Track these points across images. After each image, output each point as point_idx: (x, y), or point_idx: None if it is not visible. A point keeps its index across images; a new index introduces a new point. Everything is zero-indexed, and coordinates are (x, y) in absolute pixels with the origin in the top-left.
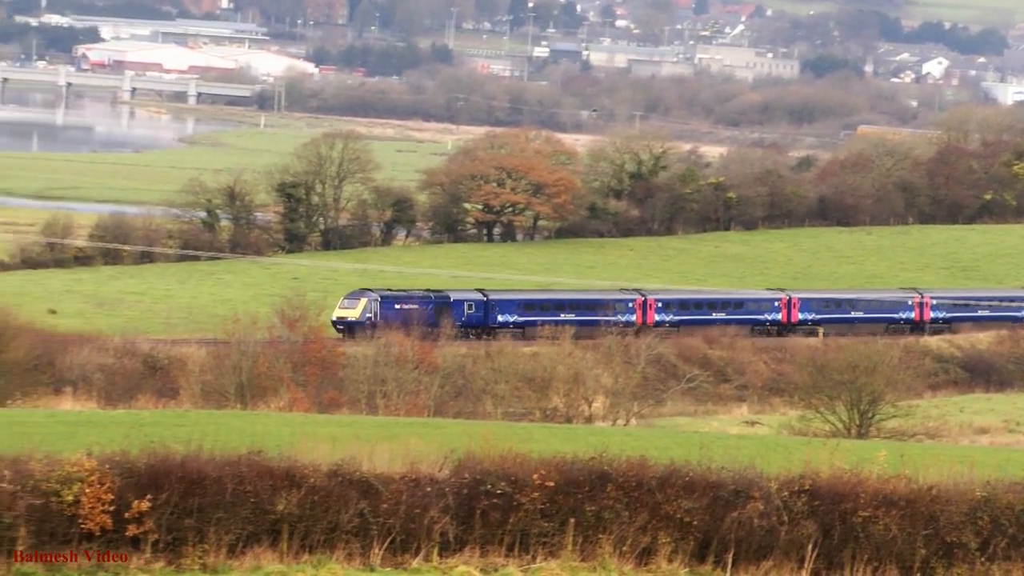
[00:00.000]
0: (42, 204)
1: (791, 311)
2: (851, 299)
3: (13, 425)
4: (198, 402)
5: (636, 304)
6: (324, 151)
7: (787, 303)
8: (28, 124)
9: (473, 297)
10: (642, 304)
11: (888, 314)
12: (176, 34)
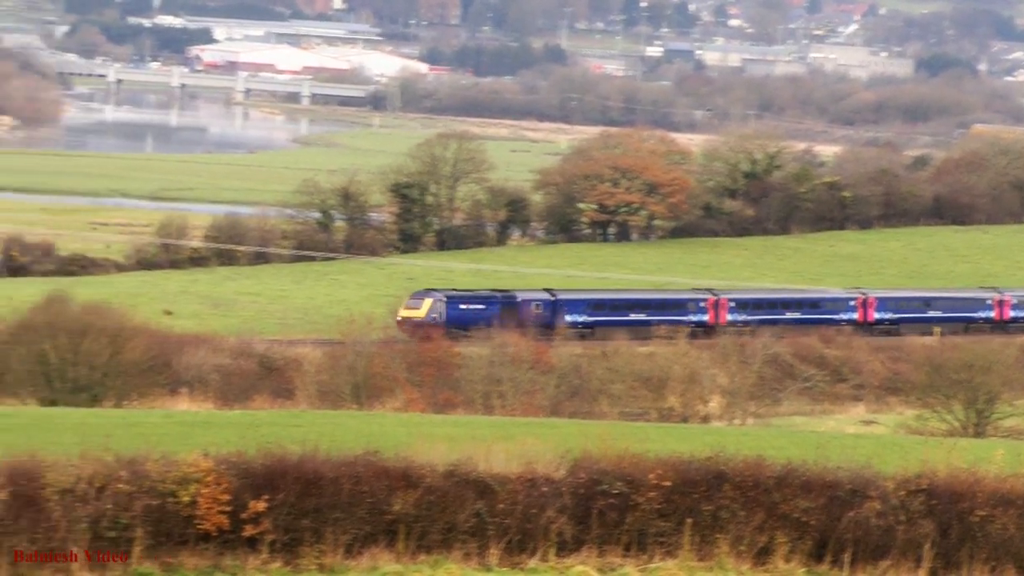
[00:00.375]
0: (157, 205)
1: (867, 311)
2: (929, 298)
3: (130, 426)
4: (314, 402)
5: (708, 304)
6: (438, 151)
7: (863, 302)
8: (142, 125)
9: (540, 297)
10: (714, 304)
11: (968, 313)
12: (289, 35)
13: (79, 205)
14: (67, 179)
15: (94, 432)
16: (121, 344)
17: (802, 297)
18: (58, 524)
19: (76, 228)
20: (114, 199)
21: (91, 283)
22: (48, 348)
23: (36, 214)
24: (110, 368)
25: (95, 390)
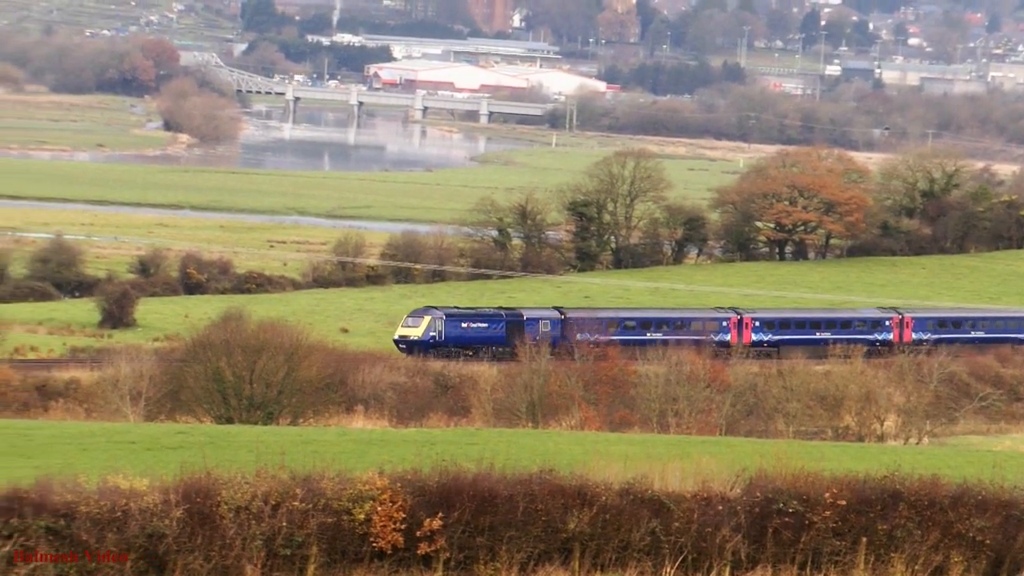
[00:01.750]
0: (334, 223)
1: (903, 330)
2: (971, 318)
3: (306, 443)
4: (489, 420)
5: (731, 323)
6: (616, 169)
7: (899, 322)
8: (320, 143)
9: (549, 315)
10: (737, 323)
11: (1011, 334)
12: (468, 53)
13: (256, 223)
14: (244, 197)
15: (269, 450)
16: (297, 362)
17: (833, 316)
18: (233, 542)
19: (253, 246)
20: (291, 217)
21: (267, 301)
22: (224, 366)
23: (213, 232)
24: (286, 386)
25: (270, 408)
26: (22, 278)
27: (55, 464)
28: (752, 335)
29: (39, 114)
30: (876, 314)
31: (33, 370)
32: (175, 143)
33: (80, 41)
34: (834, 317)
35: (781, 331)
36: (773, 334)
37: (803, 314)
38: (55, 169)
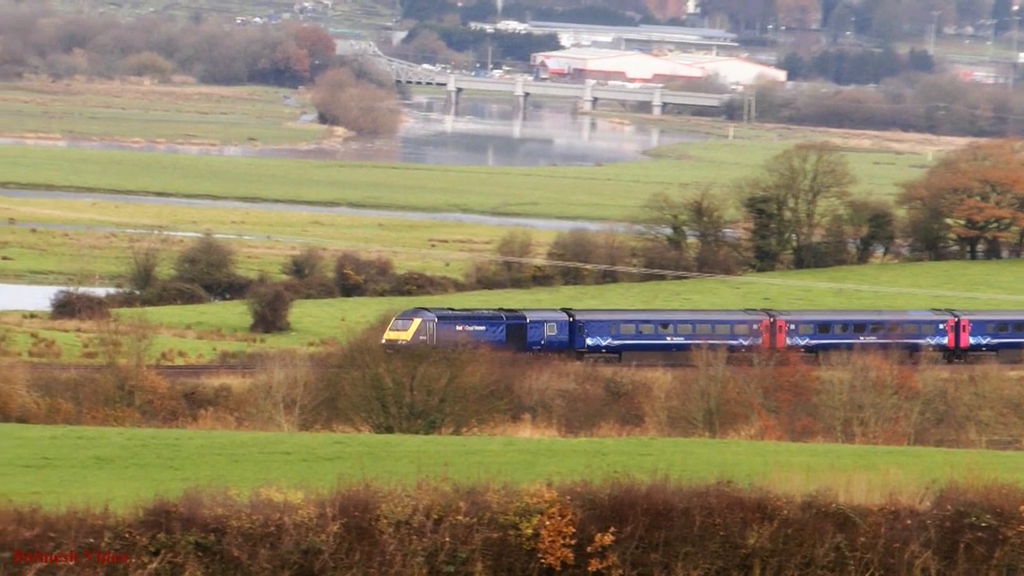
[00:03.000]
0: (499, 221)
1: (960, 334)
2: None
3: (470, 454)
4: (664, 429)
5: (763, 326)
6: (797, 164)
7: (955, 325)
8: (484, 136)
9: (556, 318)
10: (769, 326)
11: None
12: (640, 41)
13: (417, 221)
14: (404, 193)
15: (431, 461)
16: (460, 367)
17: (878, 319)
18: (393, 558)
19: (413, 245)
20: (454, 214)
21: (428, 303)
22: (383, 372)
23: (372, 230)
24: (448, 393)
25: (432, 416)
26: (170, 279)
27: (205, 476)
28: (787, 339)
29: (187, 106)
30: (928, 316)
31: (181, 377)
32: (331, 137)
33: (230, 29)
34: (877, 320)
35: (820, 335)
36: (810, 337)
37: (842, 316)
38: (204, 164)
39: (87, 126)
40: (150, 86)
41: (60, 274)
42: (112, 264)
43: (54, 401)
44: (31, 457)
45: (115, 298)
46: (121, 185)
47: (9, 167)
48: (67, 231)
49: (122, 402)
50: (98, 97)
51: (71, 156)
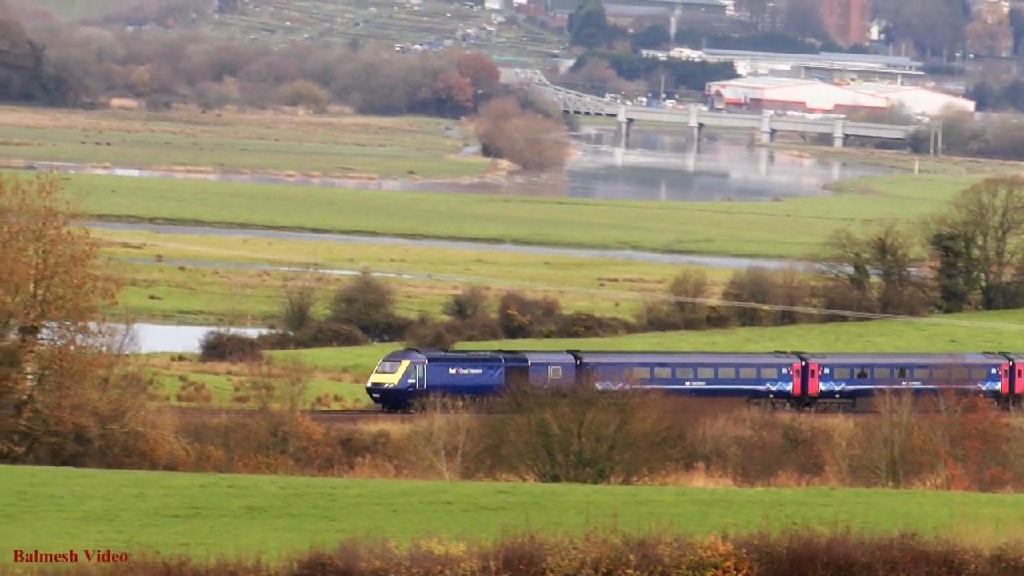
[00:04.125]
0: (671, 259)
1: (1014, 379)
2: None
3: (640, 504)
4: (845, 479)
5: (793, 370)
6: (986, 199)
7: (1009, 369)
8: (656, 170)
9: (561, 360)
10: (800, 369)
11: None
12: (820, 69)
13: (585, 259)
14: (571, 230)
15: (600, 511)
16: (630, 413)
17: (921, 363)
18: None
19: (581, 284)
20: (624, 252)
21: (597, 345)
22: (550, 418)
23: (538, 269)
24: (618, 440)
25: (601, 464)
26: (325, 320)
27: (362, 527)
28: (820, 384)
29: (344, 138)
30: (980, 360)
31: (337, 422)
32: (494, 170)
33: (389, 57)
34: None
35: (857, 380)
36: (847, 383)
37: (882, 360)
38: (362, 199)
39: (238, 158)
40: (305, 116)
41: (210, 314)
42: (264, 304)
43: (204, 448)
44: (180, 507)
45: (268, 339)
46: (274, 221)
47: (158, 201)
48: (217, 269)
49: (275, 449)
50: (250, 128)
51: (222, 190)
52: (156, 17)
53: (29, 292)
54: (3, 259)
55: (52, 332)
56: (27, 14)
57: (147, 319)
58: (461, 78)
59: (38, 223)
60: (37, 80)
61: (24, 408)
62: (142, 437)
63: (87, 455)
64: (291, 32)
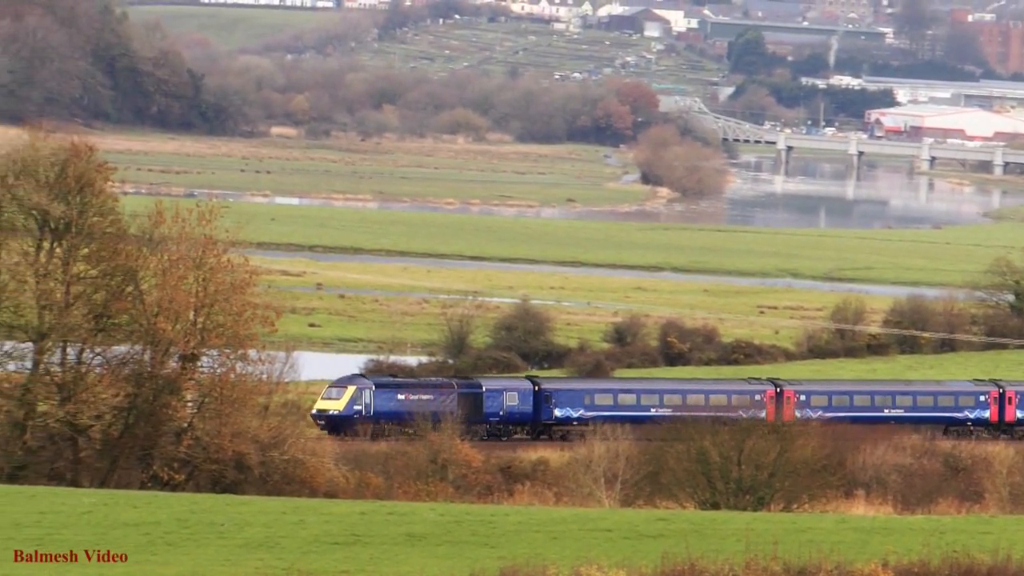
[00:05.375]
0: (831, 286)
1: (1005, 407)
2: None
3: (800, 532)
4: (1005, 506)
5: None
6: None
7: (998, 397)
8: (816, 197)
9: (517, 386)
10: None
11: None
12: (980, 96)
13: (744, 286)
14: (731, 257)
15: (760, 539)
16: (790, 441)
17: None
18: None
19: (741, 312)
20: (783, 279)
21: (757, 372)
22: (709, 445)
23: (697, 296)
24: (778, 467)
25: (761, 492)
26: (485, 347)
27: (522, 554)
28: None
29: (503, 166)
30: (968, 388)
31: (497, 449)
32: (654, 198)
33: (548, 85)
34: (907, 391)
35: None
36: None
37: (864, 387)
38: (521, 227)
39: (397, 187)
40: (464, 144)
41: (370, 342)
42: (424, 331)
43: (363, 475)
44: (340, 534)
45: (427, 367)
46: (433, 248)
47: (317, 229)
48: (377, 297)
49: (434, 476)
50: (409, 156)
51: (381, 218)
52: (315, 46)
53: (189, 320)
54: (163, 287)
55: (212, 360)
56: (187, 43)
57: (307, 347)
58: (620, 106)
59: (198, 251)
60: (197, 109)
61: (184, 436)
62: (302, 464)
63: (247, 482)
64: (450, 60)
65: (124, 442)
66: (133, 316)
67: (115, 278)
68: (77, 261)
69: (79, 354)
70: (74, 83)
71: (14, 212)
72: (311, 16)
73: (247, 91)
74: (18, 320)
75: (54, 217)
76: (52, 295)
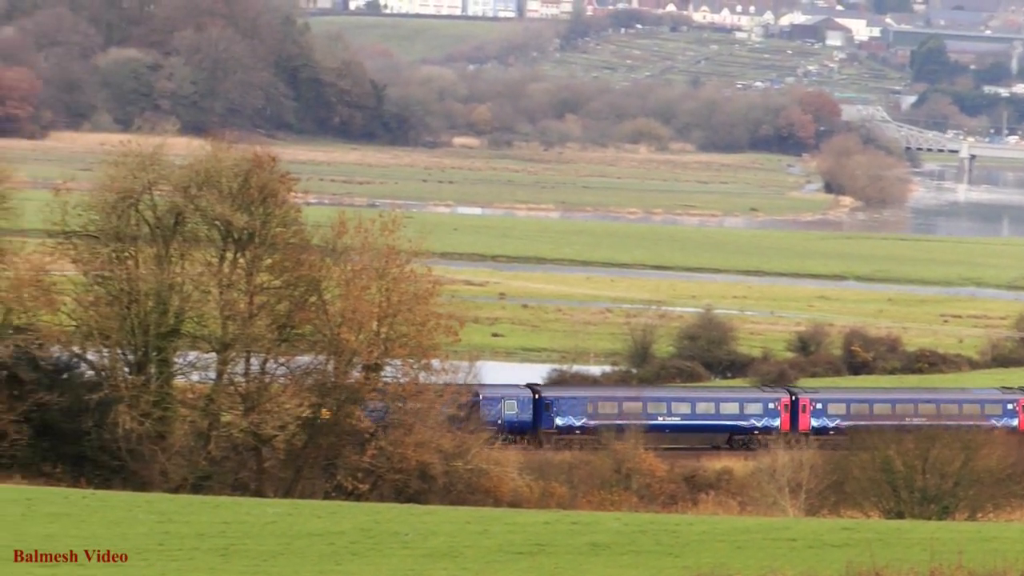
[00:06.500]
0: (1015, 295)
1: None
2: None
3: (986, 540)
4: None
5: (780, 404)
6: None
7: None
8: (999, 206)
9: (516, 394)
10: (789, 404)
11: None
12: None
13: (928, 295)
14: (914, 266)
15: (944, 548)
16: (975, 449)
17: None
18: None
19: (925, 321)
20: (967, 288)
21: (940, 382)
22: (893, 454)
23: (880, 305)
24: (962, 476)
25: (945, 501)
26: (668, 357)
27: (706, 563)
28: (811, 419)
29: (685, 175)
30: (994, 395)
31: (681, 459)
32: (836, 206)
33: (730, 94)
34: (931, 398)
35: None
36: (841, 419)
37: (883, 395)
38: (703, 236)
39: (580, 196)
40: (646, 154)
41: (553, 351)
42: (607, 341)
43: (547, 485)
44: (523, 543)
45: (611, 376)
46: (616, 258)
47: (499, 239)
48: (560, 306)
49: (618, 486)
50: (591, 166)
51: (563, 228)
52: (497, 56)
53: (372, 330)
54: (346, 297)
55: (395, 370)
56: (369, 54)
57: (490, 356)
58: (803, 115)
59: (381, 261)
60: (379, 119)
61: (368, 445)
62: (485, 474)
63: (431, 492)
64: (632, 70)
65: (308, 452)
66: (316, 326)
67: (298, 288)
68: (260, 271)
69: (262, 364)
70: (256, 94)
71: (197, 223)
72: (493, 26)
73: (429, 101)
74: (202, 331)
75: (237, 228)
76: (235, 306)
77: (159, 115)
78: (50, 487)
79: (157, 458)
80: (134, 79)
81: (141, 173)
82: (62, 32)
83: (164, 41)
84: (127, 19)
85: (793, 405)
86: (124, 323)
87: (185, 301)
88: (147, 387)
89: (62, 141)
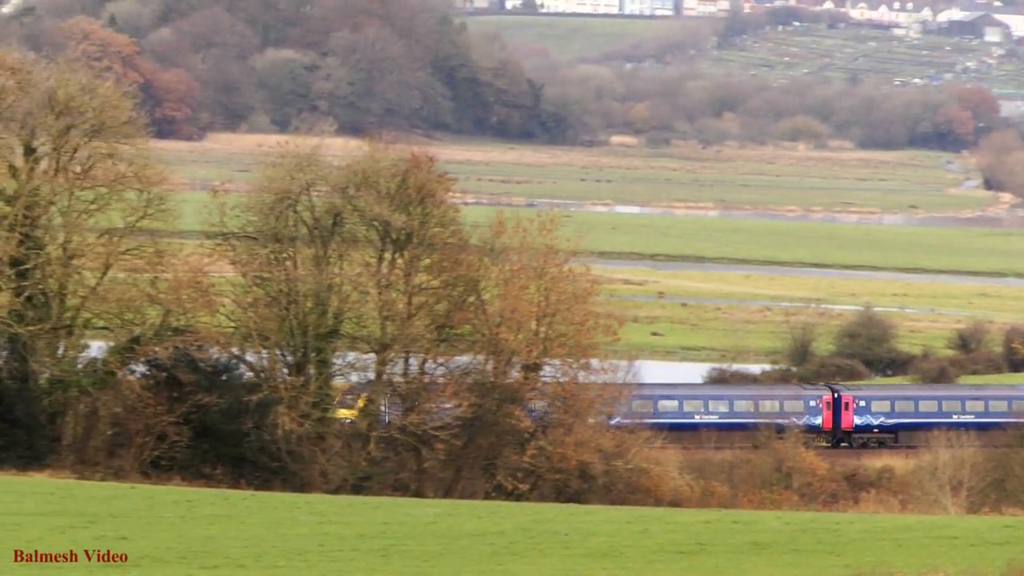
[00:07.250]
0: None
1: None
2: None
3: None
4: None
5: (823, 402)
6: None
7: None
8: None
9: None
10: (831, 402)
11: None
12: None
13: None
14: None
15: None
16: None
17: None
18: None
19: None
20: None
21: None
22: None
23: None
24: None
25: None
26: (828, 355)
27: (867, 561)
28: (854, 417)
29: (844, 172)
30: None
31: (842, 457)
32: (996, 203)
33: (889, 91)
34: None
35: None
36: (886, 416)
37: (929, 392)
38: (862, 233)
39: (738, 194)
40: (805, 152)
41: (712, 350)
42: (766, 339)
43: (708, 484)
44: (684, 543)
45: (770, 375)
46: (775, 256)
47: (658, 238)
48: (719, 305)
49: (779, 484)
50: (750, 164)
51: (722, 226)
52: (655, 54)
53: (531, 329)
54: (505, 297)
55: (554, 369)
56: (526, 53)
57: (649, 355)
58: (961, 111)
59: (539, 261)
60: (536, 118)
61: (528, 445)
62: (646, 473)
63: (591, 491)
64: (790, 67)
65: (468, 452)
66: (475, 326)
67: (457, 288)
68: (419, 272)
69: (421, 364)
70: (413, 94)
71: (356, 223)
72: (650, 25)
73: (586, 100)
74: (360, 331)
75: (395, 228)
76: (394, 306)
77: (316, 116)
78: (210, 488)
79: (317, 459)
80: (291, 80)
81: (299, 174)
82: (219, 34)
83: (320, 42)
84: (283, 20)
85: (835, 402)
86: (283, 324)
87: (344, 302)
88: (306, 388)
89: (219, 142)
